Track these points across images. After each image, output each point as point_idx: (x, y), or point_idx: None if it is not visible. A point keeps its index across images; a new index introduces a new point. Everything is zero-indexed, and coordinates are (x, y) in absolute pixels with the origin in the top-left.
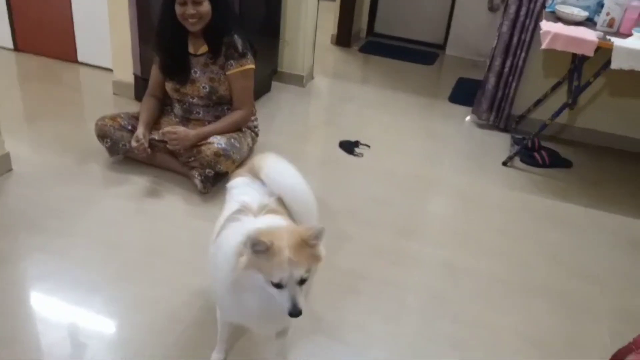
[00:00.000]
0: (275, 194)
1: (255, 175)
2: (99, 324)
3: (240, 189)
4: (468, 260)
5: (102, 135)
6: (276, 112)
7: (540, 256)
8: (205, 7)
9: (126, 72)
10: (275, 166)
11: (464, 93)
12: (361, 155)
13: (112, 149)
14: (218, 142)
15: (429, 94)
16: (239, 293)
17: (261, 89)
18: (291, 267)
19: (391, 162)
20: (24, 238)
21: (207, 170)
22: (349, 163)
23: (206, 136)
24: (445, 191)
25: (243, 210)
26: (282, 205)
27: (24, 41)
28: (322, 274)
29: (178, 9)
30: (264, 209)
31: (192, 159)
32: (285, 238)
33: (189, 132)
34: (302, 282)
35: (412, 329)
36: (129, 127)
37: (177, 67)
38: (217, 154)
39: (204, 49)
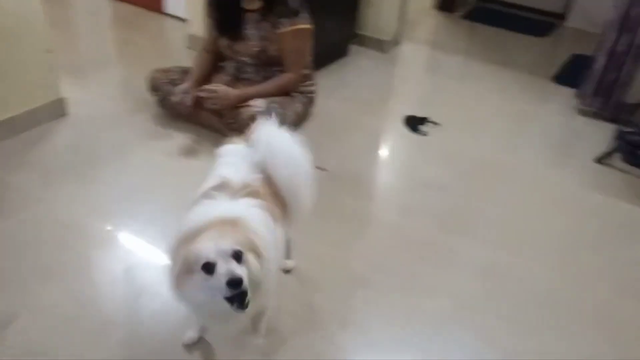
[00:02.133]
0: (261, 167)
1: (248, 142)
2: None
3: (229, 158)
4: (514, 267)
5: (153, 88)
6: (347, 78)
7: (609, 278)
8: None
9: (200, 26)
10: (266, 130)
11: (574, 73)
12: (425, 133)
13: (161, 102)
14: (257, 105)
15: (532, 70)
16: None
17: (336, 53)
18: (214, 241)
19: (460, 144)
20: (60, 181)
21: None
22: (408, 141)
23: (248, 98)
24: (514, 183)
25: (222, 186)
26: (269, 185)
27: None
28: (336, 259)
29: None
30: (244, 189)
31: (233, 120)
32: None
33: (229, 92)
34: (237, 257)
35: (419, 337)
36: (179, 82)
37: (229, 22)
38: (252, 118)
39: (257, 4)
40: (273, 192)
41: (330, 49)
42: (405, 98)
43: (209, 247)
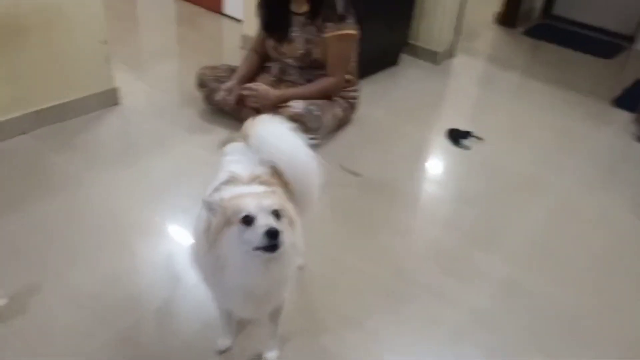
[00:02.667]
0: (267, 163)
1: (246, 140)
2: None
3: (234, 156)
4: (541, 287)
5: (200, 84)
6: (394, 87)
7: None
8: None
9: (253, 27)
10: (264, 129)
11: (636, 97)
12: (468, 148)
13: (208, 98)
14: (295, 106)
15: (591, 91)
16: (220, 269)
17: (385, 61)
18: (258, 197)
19: (501, 160)
20: (102, 166)
21: None
22: (449, 154)
23: (288, 98)
24: (553, 202)
25: (232, 181)
26: (279, 176)
27: None
28: (360, 264)
29: None
30: (255, 180)
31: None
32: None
33: (269, 92)
34: (276, 215)
35: (434, 347)
36: (225, 80)
37: (276, 24)
38: (291, 119)
39: (305, 7)
40: (283, 184)
41: (380, 56)
42: (452, 110)
43: (250, 202)
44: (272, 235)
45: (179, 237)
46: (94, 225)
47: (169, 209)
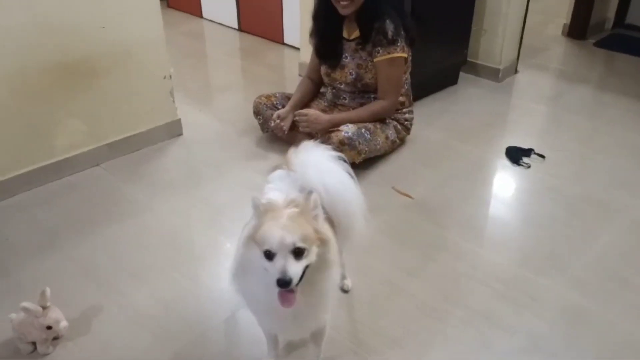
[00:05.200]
0: (306, 190)
1: (289, 168)
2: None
3: (275, 184)
4: (605, 316)
5: (256, 112)
6: (452, 106)
7: None
8: None
9: (309, 54)
10: (304, 157)
11: None
12: (528, 166)
13: (263, 126)
14: (346, 130)
15: None
16: (247, 282)
17: (444, 80)
18: (283, 230)
19: (565, 180)
20: (166, 194)
21: None
22: (508, 173)
23: (340, 122)
24: (624, 226)
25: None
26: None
27: (246, 23)
28: (408, 286)
29: None
30: (291, 204)
31: (325, 145)
32: (284, 208)
33: (321, 116)
34: (297, 253)
35: None
36: (280, 107)
37: (328, 50)
38: (342, 143)
39: (356, 33)
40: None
41: (438, 76)
42: (514, 129)
43: (274, 237)
44: (283, 284)
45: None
46: (158, 249)
47: (226, 233)
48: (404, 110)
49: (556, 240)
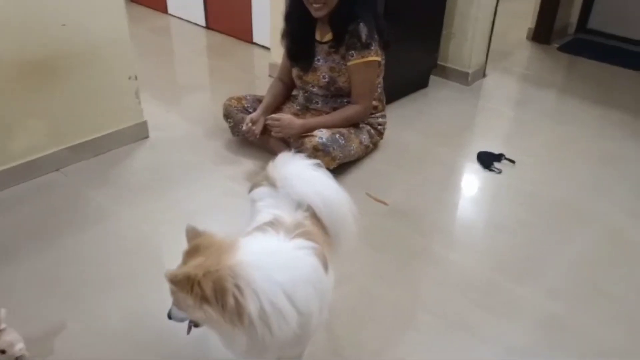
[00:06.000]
0: (303, 205)
1: (273, 184)
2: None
3: (267, 201)
4: (582, 323)
5: (226, 115)
6: (424, 109)
7: None
8: None
9: (280, 55)
10: (289, 172)
11: None
12: (499, 171)
13: (233, 129)
14: (320, 135)
15: (636, 110)
16: None
17: (415, 83)
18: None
19: (537, 185)
20: (132, 200)
21: None
22: (481, 178)
23: (313, 127)
24: (596, 231)
25: (275, 223)
26: (317, 219)
27: (214, 20)
28: (386, 295)
29: None
30: (297, 229)
31: (298, 150)
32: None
33: (293, 121)
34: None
35: None
36: (251, 110)
37: (301, 53)
38: (315, 148)
39: (329, 36)
40: (321, 227)
41: (410, 79)
42: (484, 133)
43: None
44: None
45: None
46: (125, 259)
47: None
48: (378, 114)
49: (530, 247)
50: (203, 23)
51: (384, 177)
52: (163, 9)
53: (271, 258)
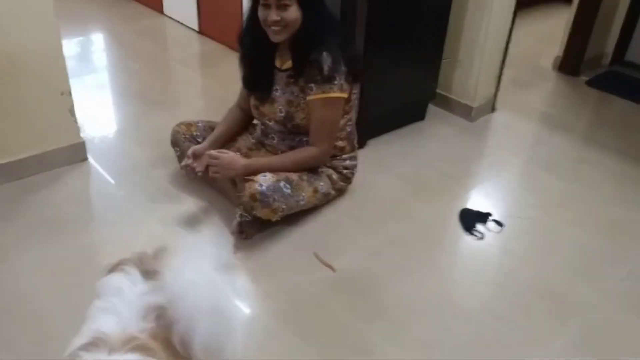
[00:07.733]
0: (157, 311)
1: (147, 270)
2: None
3: (107, 301)
4: None
5: (173, 142)
6: (412, 148)
7: None
8: (292, 13)
9: None
10: (176, 266)
11: None
12: (481, 237)
13: (180, 160)
14: (261, 182)
15: None
16: None
17: (409, 115)
18: None
19: (519, 261)
20: (34, 240)
21: (244, 214)
22: (458, 244)
23: (258, 170)
24: (576, 330)
25: (96, 343)
26: (168, 334)
27: (206, 26)
28: None
29: (261, 13)
30: (129, 343)
31: (241, 194)
32: None
33: (235, 161)
34: None
35: None
36: (200, 140)
37: (257, 80)
38: (253, 198)
39: (289, 64)
40: (168, 345)
41: (401, 110)
42: (476, 183)
43: None
44: None
45: None
46: (14, 311)
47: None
48: (345, 156)
49: (499, 346)
50: (196, 27)
51: (340, 233)
52: (159, 8)
53: None
